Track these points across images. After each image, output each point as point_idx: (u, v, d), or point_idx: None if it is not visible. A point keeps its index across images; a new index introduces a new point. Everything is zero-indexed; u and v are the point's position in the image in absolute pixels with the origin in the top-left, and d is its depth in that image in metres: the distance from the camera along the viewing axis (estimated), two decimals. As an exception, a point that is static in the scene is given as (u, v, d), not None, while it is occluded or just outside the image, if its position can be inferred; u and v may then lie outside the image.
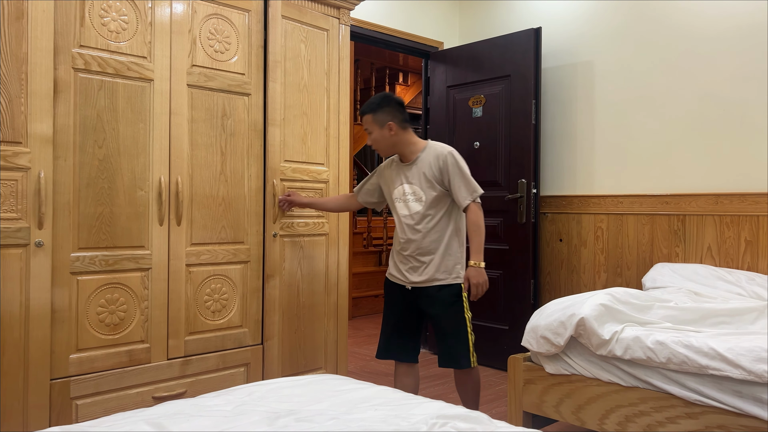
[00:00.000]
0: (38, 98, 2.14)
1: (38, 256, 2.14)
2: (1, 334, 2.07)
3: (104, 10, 2.32)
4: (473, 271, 2.51)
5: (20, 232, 2.11)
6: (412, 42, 4.41)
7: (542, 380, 2.55)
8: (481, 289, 2.51)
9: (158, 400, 2.44)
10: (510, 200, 4.01)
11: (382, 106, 2.62)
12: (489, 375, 3.90)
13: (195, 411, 1.53)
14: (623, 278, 3.79)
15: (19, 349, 2.11)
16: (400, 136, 2.64)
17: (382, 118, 2.62)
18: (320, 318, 3.04)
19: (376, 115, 2.62)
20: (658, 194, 3.65)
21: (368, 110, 2.64)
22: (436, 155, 2.58)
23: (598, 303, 2.39)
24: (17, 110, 2.10)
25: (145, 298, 2.45)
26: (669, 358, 2.17)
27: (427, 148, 2.63)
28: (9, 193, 2.09)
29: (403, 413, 1.49)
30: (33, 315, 2.13)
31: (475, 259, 2.51)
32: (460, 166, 2.56)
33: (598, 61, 3.94)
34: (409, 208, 2.61)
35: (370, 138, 2.67)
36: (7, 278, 2.08)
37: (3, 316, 2.07)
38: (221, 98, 2.67)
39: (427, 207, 2.58)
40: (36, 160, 2.14)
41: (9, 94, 2.09)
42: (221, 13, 2.66)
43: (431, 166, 2.57)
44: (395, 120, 2.62)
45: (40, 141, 2.15)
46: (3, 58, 2.07)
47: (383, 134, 2.63)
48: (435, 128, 4.48)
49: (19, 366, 2.11)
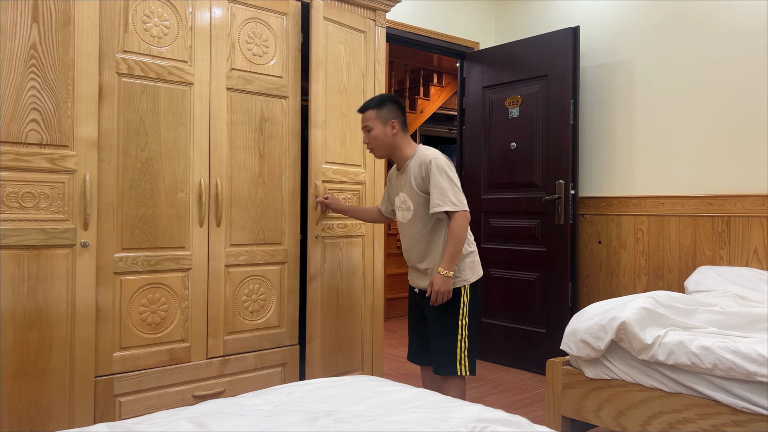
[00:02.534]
0: (84, 103, 2.20)
1: (84, 256, 2.20)
2: (50, 332, 2.13)
3: (147, 16, 2.37)
4: (439, 278, 2.37)
5: (67, 233, 2.17)
6: (448, 43, 4.39)
7: (581, 385, 2.50)
8: (441, 297, 2.37)
9: (198, 398, 2.48)
10: (547, 201, 3.96)
11: (386, 103, 2.52)
12: (525, 379, 3.85)
13: (235, 410, 1.55)
14: (665, 281, 3.70)
15: (66, 347, 2.17)
16: (400, 138, 2.52)
17: (386, 115, 2.51)
18: (357, 319, 3.05)
19: (380, 111, 2.51)
20: (702, 195, 3.55)
21: (372, 105, 2.53)
22: (420, 162, 2.45)
23: (640, 306, 2.34)
24: (64, 114, 2.16)
25: (185, 297, 2.49)
26: (715, 364, 2.11)
27: (415, 154, 2.50)
28: (56, 195, 2.15)
29: (443, 416, 1.48)
30: (79, 314, 2.19)
31: (445, 268, 2.37)
32: (441, 174, 2.38)
33: (638, 59, 3.86)
34: (404, 216, 2.54)
35: (370, 135, 2.52)
36: (55, 278, 2.14)
37: (51, 314, 2.13)
38: (259, 101, 2.70)
39: (416, 215, 2.48)
40: (82, 163, 2.20)
41: (56, 98, 2.15)
42: (259, 17, 2.70)
43: (416, 173, 2.46)
44: (398, 119, 2.52)
45: (85, 144, 2.20)
46: (51, 64, 2.13)
47: (385, 132, 2.51)
48: (470, 129, 4.45)
49: (66, 363, 2.17)
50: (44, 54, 2.12)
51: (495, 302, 4.27)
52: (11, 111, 2.07)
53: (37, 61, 2.10)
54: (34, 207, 2.11)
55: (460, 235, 2.38)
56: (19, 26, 2.07)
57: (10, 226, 2.06)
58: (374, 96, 2.62)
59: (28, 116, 2.09)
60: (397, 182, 2.59)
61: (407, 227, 2.54)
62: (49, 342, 2.14)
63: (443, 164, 2.40)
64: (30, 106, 2.10)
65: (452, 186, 2.39)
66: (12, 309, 2.07)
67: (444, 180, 2.38)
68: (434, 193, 2.38)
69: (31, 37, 2.09)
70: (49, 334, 2.13)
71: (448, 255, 2.38)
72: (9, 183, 2.06)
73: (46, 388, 2.13)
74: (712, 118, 3.53)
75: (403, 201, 2.54)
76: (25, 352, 2.09)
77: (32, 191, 2.11)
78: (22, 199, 2.09)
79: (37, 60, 2.11)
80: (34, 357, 2.11)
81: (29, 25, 2.09)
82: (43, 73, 2.12)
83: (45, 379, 2.12)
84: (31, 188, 2.11)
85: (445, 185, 2.38)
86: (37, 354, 2.11)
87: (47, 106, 2.13)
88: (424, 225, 2.48)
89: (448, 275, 2.38)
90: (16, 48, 2.07)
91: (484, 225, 4.35)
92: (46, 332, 2.13)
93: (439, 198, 2.38)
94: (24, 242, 2.08)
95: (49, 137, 2.13)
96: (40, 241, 2.11)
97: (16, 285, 2.08)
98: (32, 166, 2.10)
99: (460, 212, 2.38)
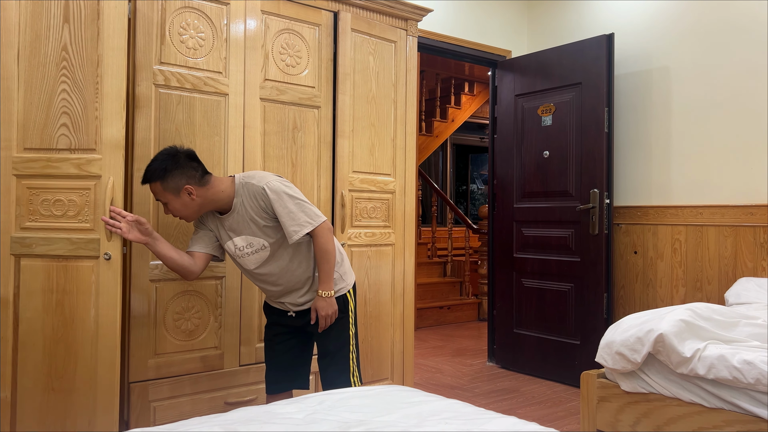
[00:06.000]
0: (110, 100, 2.15)
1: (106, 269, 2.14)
2: (75, 344, 2.16)
3: (183, 28, 2.42)
4: (322, 302, 2.19)
5: (92, 243, 2.14)
6: (479, 51, 4.38)
7: (617, 398, 2.45)
8: (329, 320, 2.21)
9: (230, 405, 2.50)
10: (581, 211, 3.90)
11: (169, 171, 2.08)
12: (558, 391, 3.79)
13: (268, 418, 1.55)
14: (703, 293, 3.60)
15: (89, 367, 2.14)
16: (205, 195, 2.13)
17: (174, 184, 2.08)
18: (387, 328, 3.04)
19: (166, 183, 2.08)
20: (742, 205, 3.46)
21: (154, 177, 2.08)
22: (252, 195, 2.15)
23: (679, 318, 2.28)
24: (91, 115, 2.16)
25: (219, 305, 2.52)
26: (758, 379, 2.04)
27: (239, 190, 2.16)
28: (84, 202, 2.15)
29: (475, 428, 1.46)
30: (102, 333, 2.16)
31: (325, 289, 2.18)
32: (281, 198, 2.12)
33: (675, 66, 3.78)
34: (258, 258, 2.21)
35: (169, 208, 2.14)
36: (80, 291, 2.14)
37: (77, 331, 2.16)
38: (292, 111, 2.73)
39: (276, 248, 2.20)
40: (106, 167, 2.15)
41: (84, 99, 2.16)
42: (293, 28, 2.73)
43: (254, 209, 2.15)
44: (192, 180, 2.10)
45: (110, 146, 2.15)
46: (80, 63, 2.15)
47: (184, 202, 2.10)
48: (502, 138, 4.42)
49: (89, 384, 2.13)
50: (74, 54, 2.14)
51: (528, 313, 4.21)
52: (44, 117, 2.11)
53: (68, 62, 2.13)
54: (63, 215, 2.13)
55: (329, 251, 2.18)
56: (52, 29, 2.11)
57: (41, 234, 2.10)
58: (154, 159, 2.11)
59: (59, 120, 2.13)
60: (224, 228, 2.21)
61: (270, 266, 2.22)
62: (74, 358, 2.13)
63: (277, 186, 2.14)
64: (61, 110, 2.13)
65: (298, 204, 2.14)
66: (42, 320, 2.09)
67: (287, 202, 2.13)
68: (286, 222, 2.13)
69: (63, 38, 2.13)
70: (74, 350, 2.13)
71: (325, 275, 2.19)
72: (42, 190, 2.10)
73: (71, 405, 2.13)
74: (752, 125, 3.44)
75: (248, 244, 2.19)
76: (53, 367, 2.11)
77: (62, 198, 2.13)
78: (54, 206, 2.12)
79: (68, 62, 2.13)
80: (61, 373, 2.12)
81: (61, 26, 2.12)
82: (73, 74, 2.14)
83: (70, 397, 2.14)
84: (61, 195, 2.13)
85: (291, 207, 2.13)
86: (64, 370, 2.13)
87: (76, 108, 2.15)
88: (289, 256, 2.22)
89: (330, 296, 2.20)
90: (50, 52, 2.11)
91: (516, 234, 4.30)
92: (72, 348, 2.13)
93: (292, 225, 2.13)
94: (52, 252, 2.11)
95: (77, 141, 2.14)
96: (68, 251, 2.12)
97: (46, 296, 2.10)
98: (61, 173, 2.13)
99: (319, 227, 2.16)
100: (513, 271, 4.30)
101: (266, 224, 2.17)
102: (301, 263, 2.24)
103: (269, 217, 2.16)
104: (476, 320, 6.30)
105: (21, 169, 2.08)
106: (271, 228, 2.18)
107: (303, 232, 2.13)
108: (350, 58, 2.89)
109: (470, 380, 4.03)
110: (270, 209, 2.14)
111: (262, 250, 2.20)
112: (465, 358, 4.66)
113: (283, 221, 2.13)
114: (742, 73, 3.49)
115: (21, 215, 2.10)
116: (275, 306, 2.34)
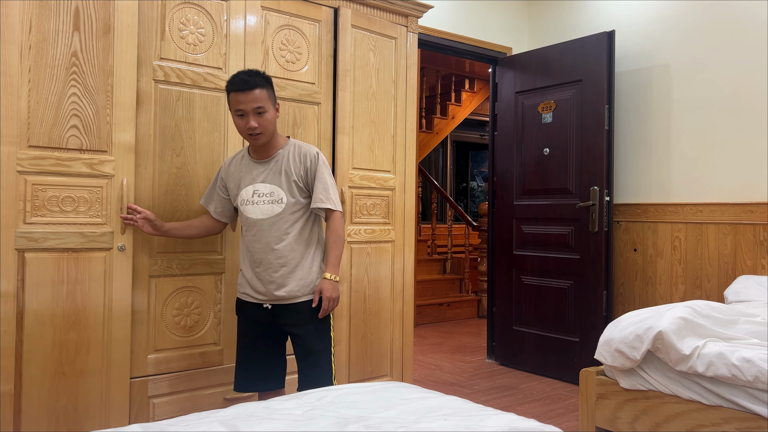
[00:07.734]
0: (123, 109, 2.25)
1: (120, 259, 2.24)
2: (87, 334, 2.17)
3: (183, 24, 2.42)
4: (329, 284, 2.18)
5: (104, 236, 2.21)
6: (480, 48, 4.37)
7: (616, 395, 2.45)
8: (333, 304, 2.20)
9: (229, 401, 2.50)
10: (581, 208, 3.90)
11: (270, 81, 2.17)
12: (558, 388, 3.79)
13: (267, 414, 1.55)
14: (703, 291, 3.60)
15: (102, 349, 2.21)
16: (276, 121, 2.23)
17: (274, 95, 2.19)
18: (386, 325, 3.04)
19: (270, 90, 2.15)
20: (742, 203, 3.46)
21: (261, 82, 2.12)
22: (302, 153, 2.22)
23: (678, 316, 2.28)
24: (103, 120, 2.21)
25: (218, 301, 2.52)
26: (756, 377, 2.04)
27: (291, 144, 2.26)
28: (95, 199, 2.20)
29: (474, 425, 1.47)
30: (115, 316, 2.23)
31: (333, 272, 2.20)
32: (327, 171, 2.24)
33: (675, 64, 3.78)
34: (268, 210, 2.21)
35: (261, 119, 2.13)
36: (93, 280, 2.19)
37: (89, 316, 2.18)
38: (292, 107, 2.72)
39: (287, 210, 2.21)
40: (119, 168, 2.24)
41: (96, 105, 2.20)
42: (293, 24, 2.72)
43: (296, 164, 2.22)
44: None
45: (123, 149, 2.25)
46: (91, 72, 2.19)
47: (275, 116, 2.18)
48: (502, 135, 4.41)
49: (102, 364, 2.21)
50: (85, 62, 2.17)
51: (527, 310, 4.21)
52: (53, 117, 2.12)
53: (78, 68, 2.16)
54: (73, 211, 2.16)
55: (342, 236, 2.24)
56: (61, 34, 2.13)
57: (51, 229, 2.12)
58: (249, 70, 2.17)
59: (68, 122, 2.15)
60: (252, 172, 2.25)
61: (268, 224, 2.20)
62: (86, 343, 2.18)
63: (325, 160, 2.26)
64: (71, 112, 2.15)
65: (334, 185, 2.26)
66: (52, 310, 2.12)
67: (329, 177, 2.24)
68: (319, 188, 2.20)
69: (72, 45, 2.15)
70: (86, 335, 2.18)
71: (334, 258, 2.21)
72: (50, 187, 2.12)
73: (83, 388, 2.17)
74: (752, 123, 3.44)
75: (270, 192, 2.21)
76: (64, 353, 2.14)
77: (72, 195, 2.16)
78: (62, 203, 2.15)
79: (78, 68, 2.16)
80: (73, 357, 2.15)
81: (71, 33, 2.14)
82: (84, 81, 2.17)
83: (82, 379, 2.17)
84: (71, 192, 2.16)
85: (329, 181, 2.23)
86: (76, 355, 2.16)
87: (87, 112, 2.18)
88: (292, 224, 2.21)
89: (337, 280, 2.21)
90: (58, 56, 2.12)
91: (516, 232, 4.30)
92: (84, 334, 2.17)
93: (323, 194, 2.20)
94: (63, 245, 2.13)
95: (89, 143, 2.19)
96: (79, 244, 2.16)
97: (56, 287, 2.13)
98: (72, 171, 2.15)
99: (339, 213, 2.24)
100: (513, 268, 4.31)
101: (296, 181, 2.22)
102: (299, 242, 2.23)
103: (303, 178, 2.22)
104: (476, 317, 6.31)
105: (26, 165, 2.08)
106: (297, 188, 2.22)
107: (327, 205, 2.21)
108: (350, 54, 2.88)
109: (469, 377, 4.03)
110: (311, 174, 2.22)
111: (278, 203, 2.21)
112: (464, 354, 4.67)
113: (317, 187, 2.21)
114: (742, 71, 3.48)
115: (26, 210, 2.09)
116: (248, 297, 2.27)
